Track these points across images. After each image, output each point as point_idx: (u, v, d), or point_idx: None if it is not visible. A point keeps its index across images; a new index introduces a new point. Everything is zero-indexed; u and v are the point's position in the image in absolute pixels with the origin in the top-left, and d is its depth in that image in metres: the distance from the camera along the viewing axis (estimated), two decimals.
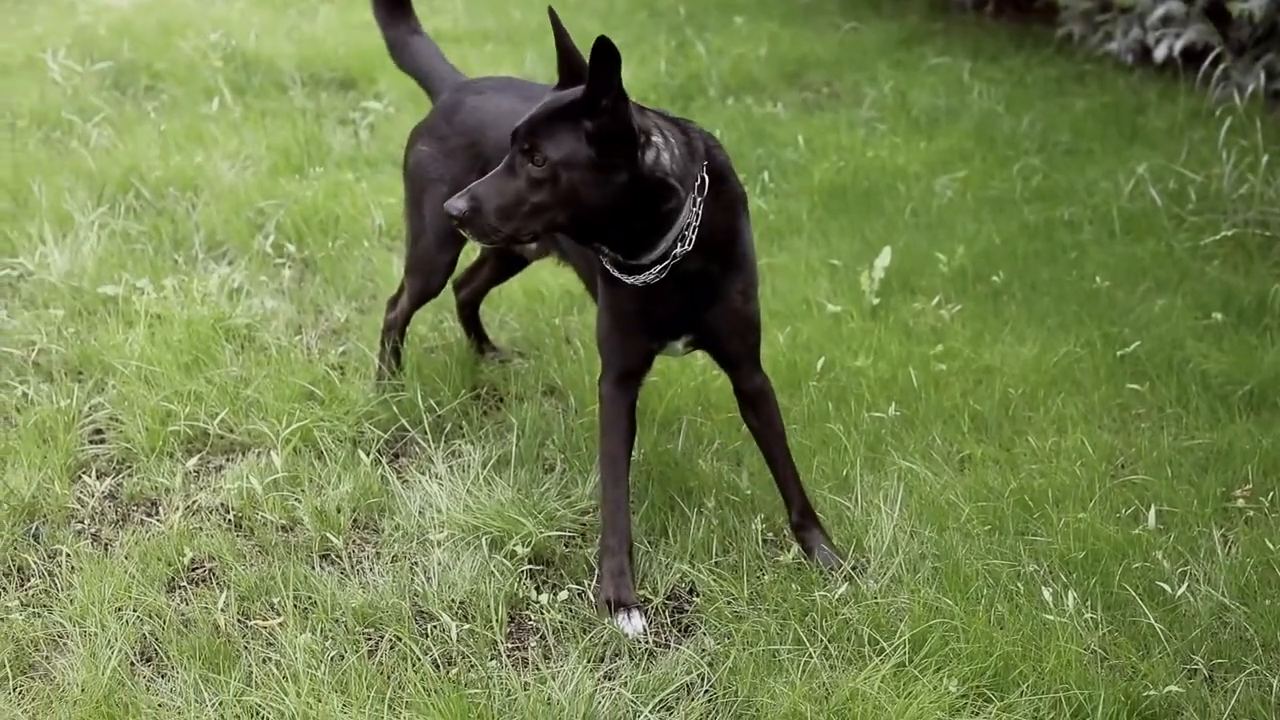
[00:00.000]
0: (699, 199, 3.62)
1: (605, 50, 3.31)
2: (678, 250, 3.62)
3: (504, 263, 4.91)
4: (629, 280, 3.68)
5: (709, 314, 3.78)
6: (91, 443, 4.54)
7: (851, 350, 5.03)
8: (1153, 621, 3.60)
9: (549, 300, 5.39)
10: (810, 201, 6.35)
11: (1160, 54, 7.94)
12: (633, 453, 4.02)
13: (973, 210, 6.26)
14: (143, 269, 5.48)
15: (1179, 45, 7.85)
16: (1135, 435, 4.59)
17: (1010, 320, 5.27)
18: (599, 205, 3.49)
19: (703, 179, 3.64)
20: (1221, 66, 7.48)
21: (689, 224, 3.61)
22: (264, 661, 3.55)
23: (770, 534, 4.09)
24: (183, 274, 5.47)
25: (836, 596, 3.71)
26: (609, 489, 3.86)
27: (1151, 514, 4.05)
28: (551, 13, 3.65)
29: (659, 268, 3.63)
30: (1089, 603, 3.70)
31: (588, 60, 3.42)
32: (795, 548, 3.98)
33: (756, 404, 3.99)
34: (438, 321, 5.24)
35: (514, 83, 4.52)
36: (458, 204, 3.48)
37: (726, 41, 8.64)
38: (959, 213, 6.24)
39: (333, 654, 3.56)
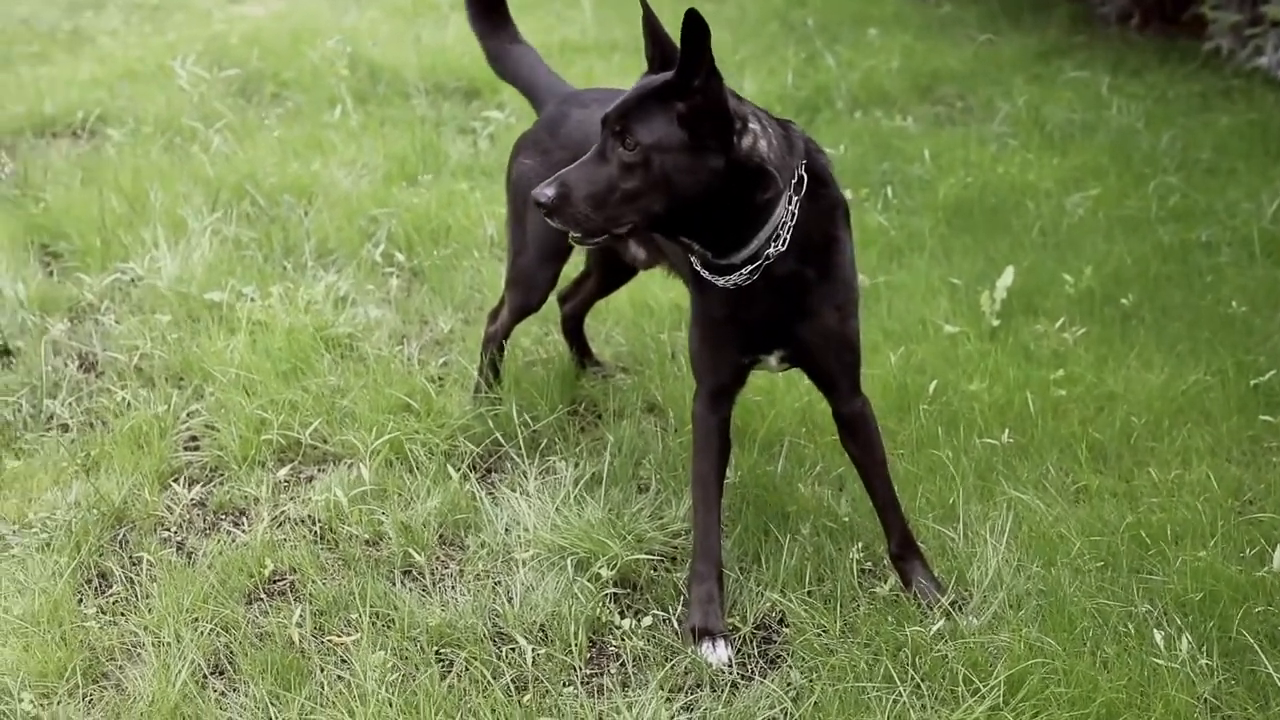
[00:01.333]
0: (795, 198, 3.45)
1: (695, 25, 3.16)
2: (770, 250, 3.44)
3: (609, 274, 4.79)
4: (719, 282, 3.52)
5: (802, 328, 3.60)
6: (186, 449, 4.51)
7: (966, 373, 4.82)
8: (1272, 671, 3.37)
9: (657, 314, 5.25)
10: (934, 218, 6.13)
11: None
12: (728, 474, 3.87)
13: (1104, 229, 6.01)
14: (251, 276, 5.45)
15: None
16: (1265, 470, 4.34)
17: (1138, 345, 5.03)
18: (692, 192, 3.31)
19: (801, 178, 3.47)
20: None
21: (783, 222, 3.43)
22: (336, 679, 3.46)
23: (869, 563, 3.92)
24: (290, 281, 5.43)
25: (932, 632, 3.52)
26: (700, 512, 3.72)
27: (1277, 555, 3.80)
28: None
29: (750, 268, 3.45)
30: (1204, 648, 3.48)
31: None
32: (893, 579, 3.80)
33: (855, 429, 3.81)
34: (542, 335, 5.13)
35: (621, 94, 4.39)
36: (545, 191, 3.31)
37: (857, 54, 8.45)
38: (1089, 232, 5.99)
39: (403, 674, 3.46)
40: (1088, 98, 7.65)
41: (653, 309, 5.29)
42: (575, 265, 4.81)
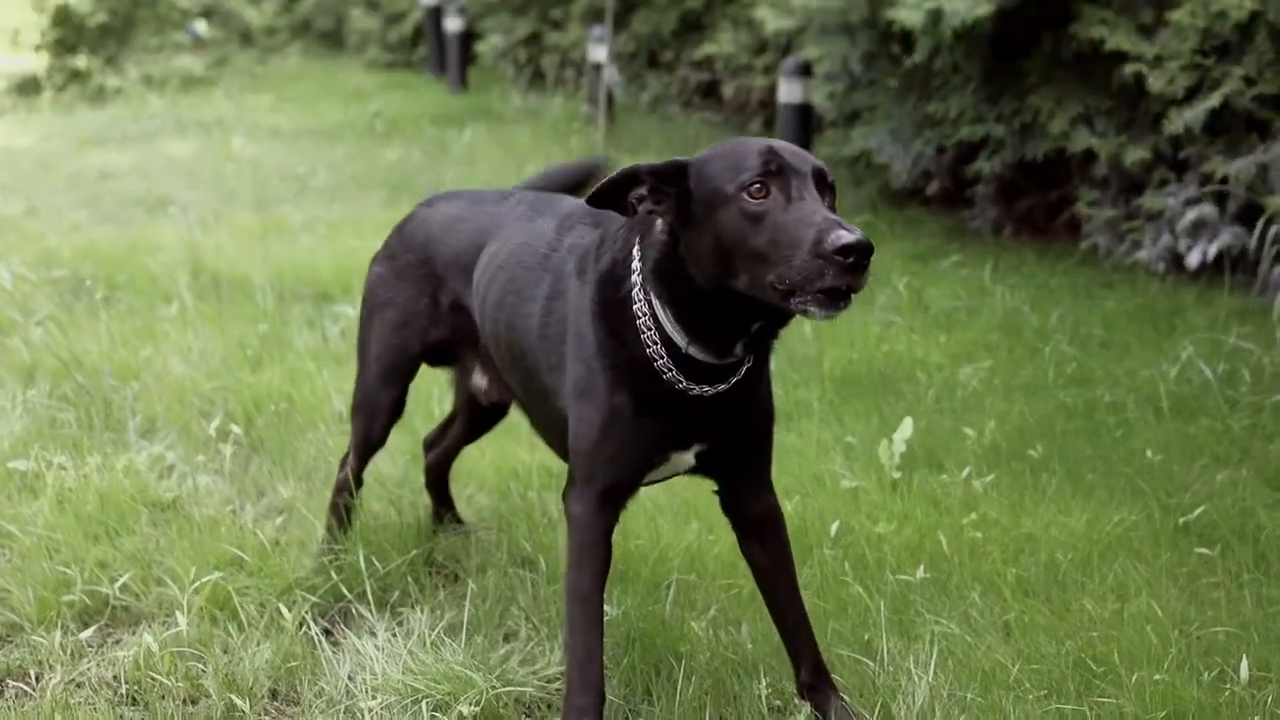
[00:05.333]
0: None
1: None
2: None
3: (474, 417, 4.26)
4: (694, 390, 3.03)
5: (735, 411, 3.11)
6: None
7: (871, 517, 4.33)
8: None
9: (523, 475, 4.70)
10: (821, 388, 5.69)
11: (1194, 260, 7.39)
12: (606, 609, 3.31)
13: (1002, 394, 5.61)
14: (64, 446, 4.81)
15: (1213, 250, 7.32)
16: (1208, 604, 3.86)
17: (1051, 492, 4.58)
18: None
19: None
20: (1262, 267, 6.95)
21: None
22: None
23: (778, 701, 3.33)
24: (108, 451, 4.79)
25: None
26: (580, 635, 3.11)
27: (1244, 668, 3.31)
28: None
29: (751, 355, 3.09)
30: None
31: None
32: (807, 708, 3.21)
33: (765, 530, 3.29)
34: (396, 497, 4.54)
35: (467, 192, 3.95)
36: (856, 232, 2.75)
37: None
38: (986, 396, 5.58)
39: None
40: (970, 286, 7.36)
41: (518, 471, 4.74)
42: (423, 397, 4.27)
